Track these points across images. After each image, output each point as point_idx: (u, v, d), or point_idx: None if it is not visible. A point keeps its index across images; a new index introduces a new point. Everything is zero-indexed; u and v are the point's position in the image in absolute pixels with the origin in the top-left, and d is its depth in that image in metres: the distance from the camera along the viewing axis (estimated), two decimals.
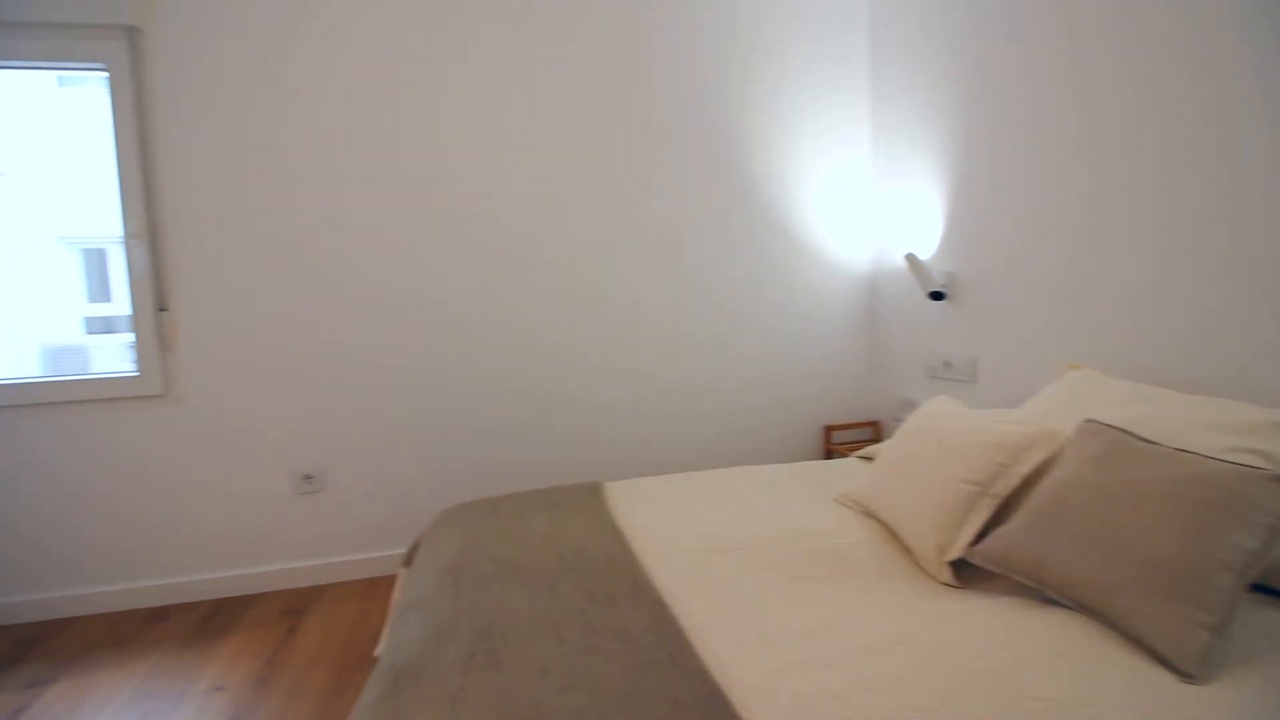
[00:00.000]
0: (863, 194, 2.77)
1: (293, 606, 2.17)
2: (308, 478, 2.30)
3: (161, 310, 2.20)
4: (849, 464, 2.05)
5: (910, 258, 2.39)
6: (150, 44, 2.14)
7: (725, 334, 2.67)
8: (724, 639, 1.08)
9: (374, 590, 2.27)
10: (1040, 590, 1.16)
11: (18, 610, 2.14)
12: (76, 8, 2.08)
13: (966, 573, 1.27)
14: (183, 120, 2.16)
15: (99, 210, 2.88)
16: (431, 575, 1.36)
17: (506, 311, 2.44)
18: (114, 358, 4.32)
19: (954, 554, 1.28)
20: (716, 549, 1.44)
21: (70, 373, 2.72)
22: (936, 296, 2.35)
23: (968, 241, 2.27)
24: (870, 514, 1.57)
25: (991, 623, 1.11)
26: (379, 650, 1.70)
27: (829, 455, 2.78)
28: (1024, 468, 1.33)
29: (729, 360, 2.69)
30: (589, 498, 1.77)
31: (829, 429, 2.80)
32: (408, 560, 1.68)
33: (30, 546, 2.15)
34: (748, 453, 2.69)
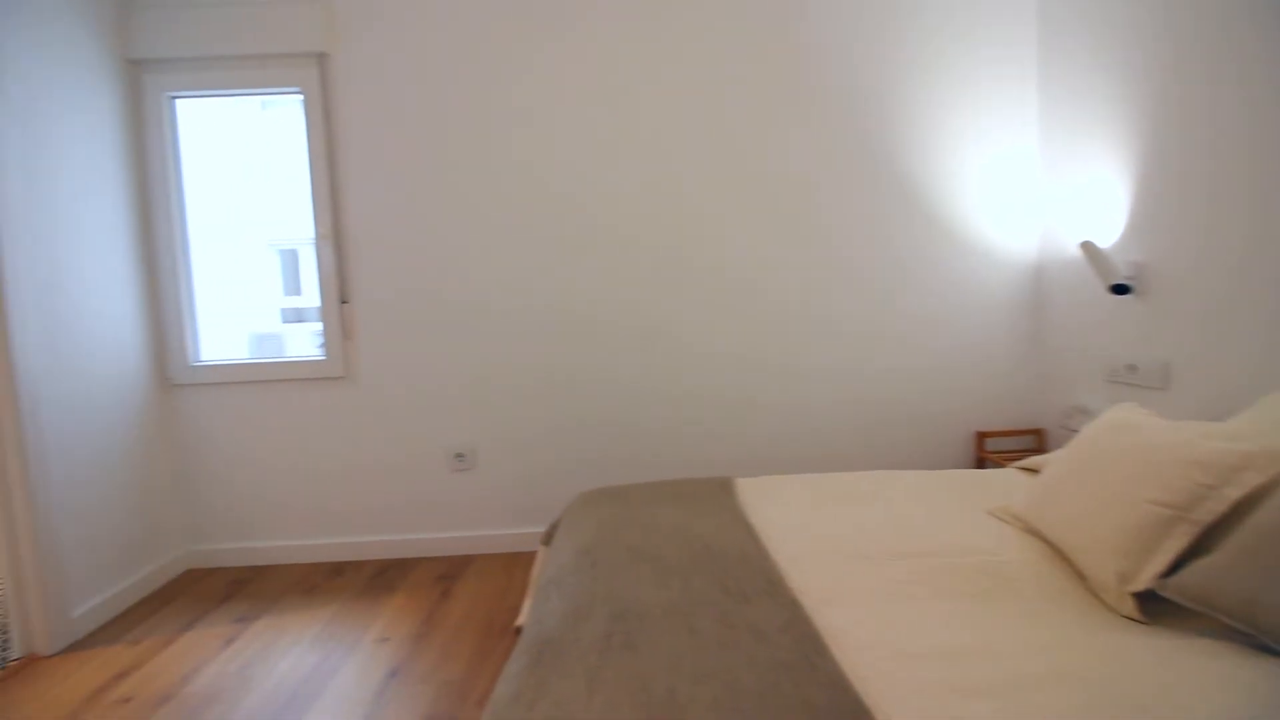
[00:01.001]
0: (1028, 179, 2.50)
1: (446, 572, 2.39)
2: (460, 456, 2.52)
3: (343, 303, 2.51)
4: (1007, 475, 1.87)
5: (1087, 246, 2.11)
6: (336, 68, 2.44)
7: (868, 327, 2.54)
8: (865, 649, 1.03)
9: (515, 564, 2.43)
10: (1254, 636, 0.99)
11: (230, 555, 2.56)
12: (278, 40, 2.42)
13: (1154, 607, 1.11)
14: (361, 135, 2.44)
15: (294, 216, 3.32)
16: (569, 555, 1.43)
17: (645, 312, 2.51)
18: (303, 343, 4.93)
19: (1140, 585, 1.12)
20: (856, 555, 1.38)
21: (269, 356, 3.18)
22: (1120, 290, 2.06)
23: (1161, 227, 1.96)
24: (1033, 531, 1.43)
25: (1187, 669, 0.96)
26: (520, 621, 1.83)
27: (981, 464, 2.55)
28: (1234, 491, 1.13)
29: (870, 356, 2.55)
30: (719, 492, 1.77)
31: (982, 435, 2.56)
32: (547, 539, 1.79)
33: (240, 502, 2.55)
34: (887, 456, 2.55)
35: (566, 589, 1.27)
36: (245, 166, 3.04)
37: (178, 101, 2.51)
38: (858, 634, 1.08)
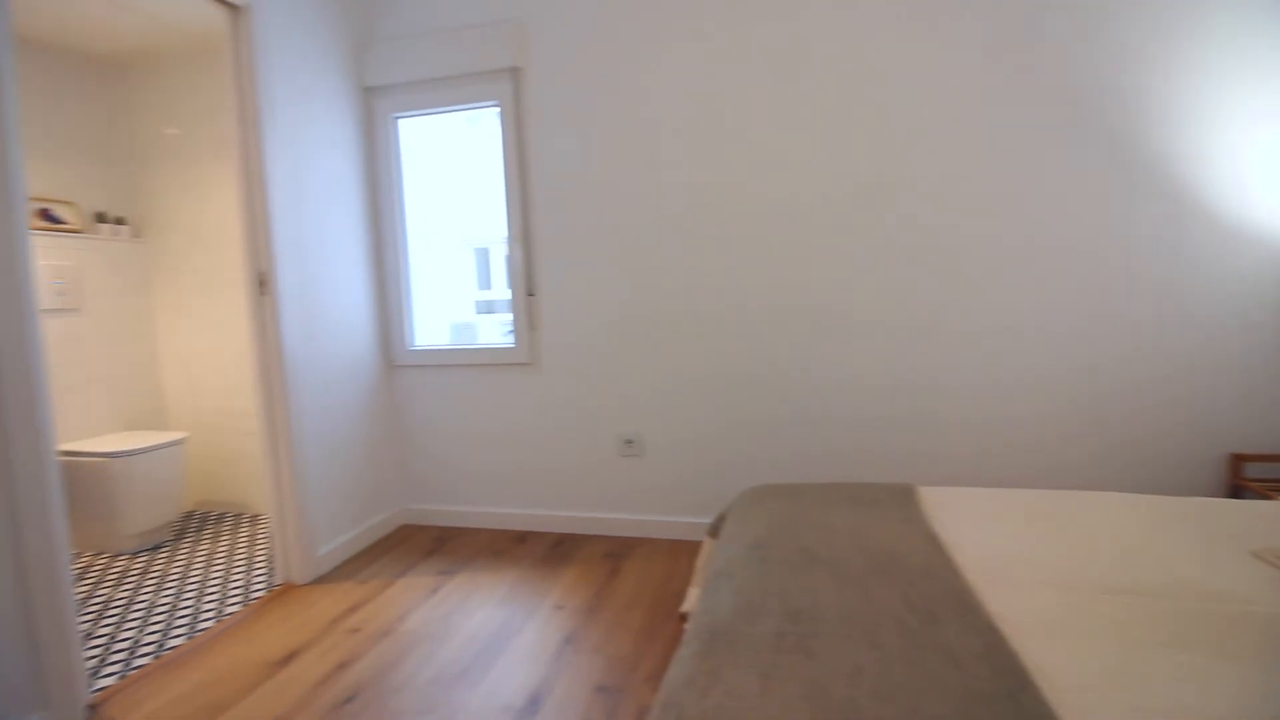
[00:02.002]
0: None
1: (614, 551, 2.52)
2: (629, 442, 2.64)
3: (530, 296, 2.74)
4: (1276, 509, 1.53)
5: None
6: (527, 80, 2.64)
7: (1087, 325, 2.21)
8: (1083, 694, 0.91)
9: (678, 551, 2.49)
10: None
11: (435, 516, 2.93)
12: (479, 59, 2.67)
13: None
14: (547, 141, 2.63)
15: (487, 218, 3.68)
16: (740, 549, 1.43)
17: (822, 307, 2.42)
18: (492, 332, 5.44)
19: None
20: (1069, 585, 1.21)
21: (465, 343, 3.56)
22: None
23: None
24: None
25: None
26: (685, 608, 1.87)
27: (1237, 492, 2.10)
28: None
29: (1087, 358, 2.22)
30: (901, 500, 1.66)
31: (1238, 458, 2.11)
32: (714, 531, 1.80)
33: (442, 469, 2.91)
34: (1108, 477, 2.21)
35: (737, 583, 1.27)
36: (448, 175, 3.41)
37: (400, 121, 2.91)
38: (1073, 676, 0.95)
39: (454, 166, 3.49)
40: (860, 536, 1.44)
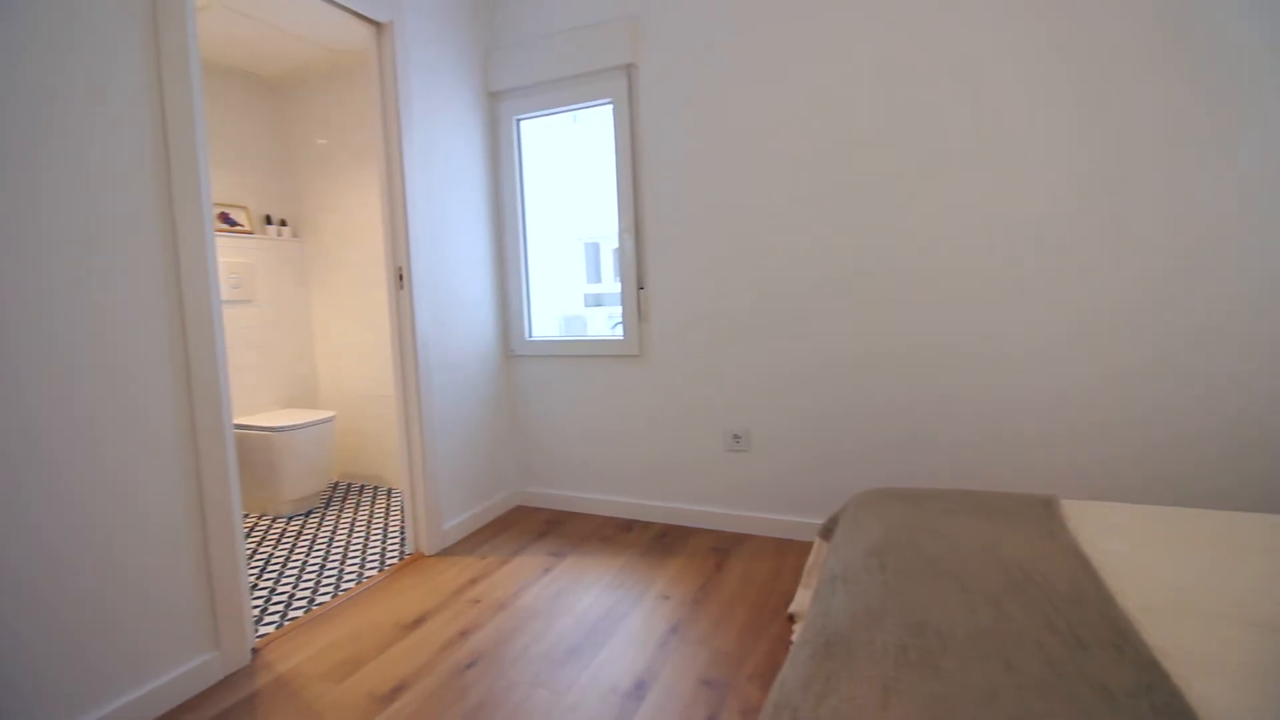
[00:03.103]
0: None
1: (720, 546, 2.51)
2: (736, 437, 2.61)
3: (640, 289, 2.77)
4: None
5: None
6: (641, 76, 2.67)
7: (1252, 316, 1.90)
8: None
9: (784, 550, 2.44)
10: None
11: (547, 499, 3.06)
12: (595, 59, 2.73)
13: None
14: (660, 136, 2.64)
15: (595, 214, 3.76)
16: (856, 554, 1.37)
17: (941, 304, 2.26)
18: (600, 325, 5.57)
19: None
20: (1242, 619, 1.06)
21: (575, 335, 3.68)
22: None
23: None
24: None
25: None
26: (793, 609, 1.83)
27: None
28: None
29: (1258, 357, 1.91)
30: (1039, 513, 1.51)
31: None
32: (826, 533, 1.74)
33: (554, 454, 3.02)
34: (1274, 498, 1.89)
35: (855, 588, 1.22)
36: (558, 172, 3.53)
37: (522, 123, 3.04)
38: None
39: (563, 164, 3.60)
40: (993, 549, 1.33)
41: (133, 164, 1.60)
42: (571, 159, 3.68)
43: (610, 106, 2.77)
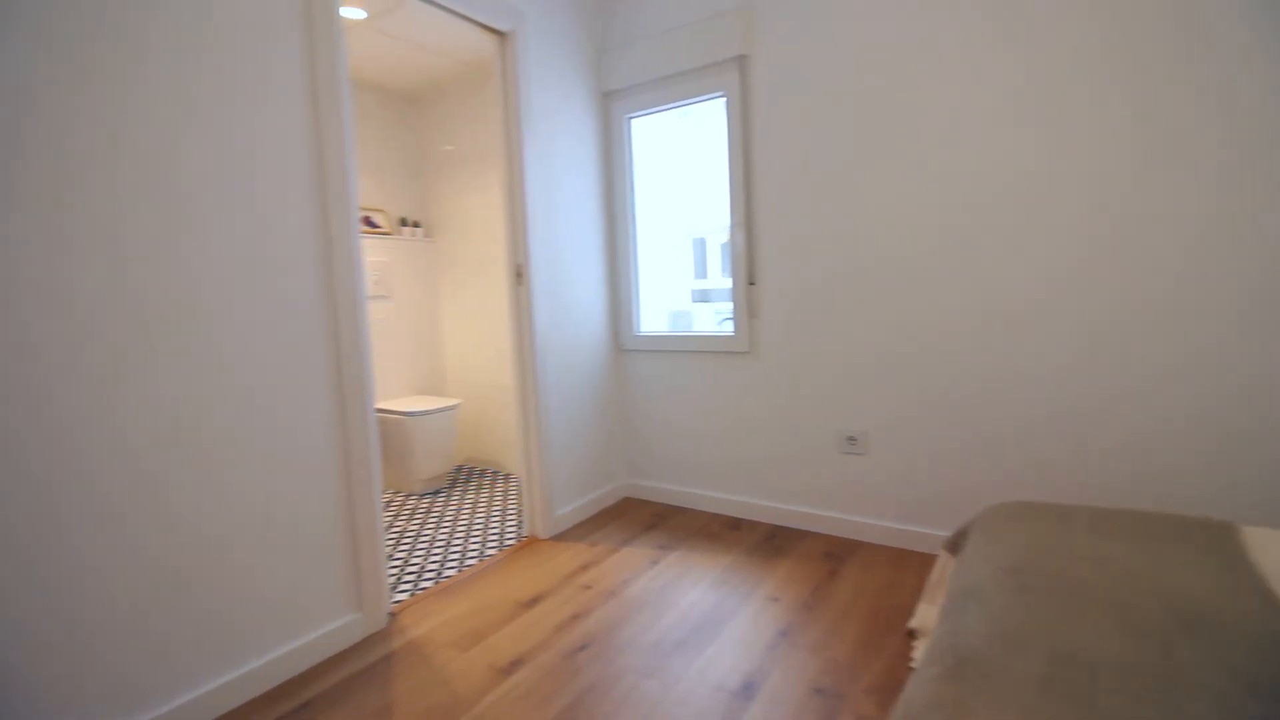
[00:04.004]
0: None
1: (832, 551, 2.42)
2: (851, 439, 2.50)
3: (751, 284, 2.72)
4: None
5: None
6: (754, 68, 2.61)
7: None
8: None
9: (902, 561, 2.31)
10: None
11: (654, 492, 3.10)
12: (707, 52, 2.70)
13: None
14: (773, 129, 2.57)
15: (703, 210, 3.73)
16: (990, 571, 1.27)
17: (1083, 302, 2.03)
18: (707, 320, 5.55)
19: None
20: None
21: (682, 330, 3.69)
22: None
23: None
24: None
25: None
26: (914, 624, 1.73)
27: None
28: None
29: None
30: (1215, 540, 1.33)
31: None
32: (954, 546, 1.63)
33: (662, 449, 3.05)
34: None
35: (990, 608, 1.13)
36: (667, 169, 3.54)
37: (633, 121, 3.08)
38: None
39: (671, 161, 3.61)
40: (1156, 578, 1.19)
41: (295, 174, 1.80)
42: (680, 155, 3.69)
43: (723, 100, 2.74)
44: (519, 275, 2.64)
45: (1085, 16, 1.96)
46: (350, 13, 2.85)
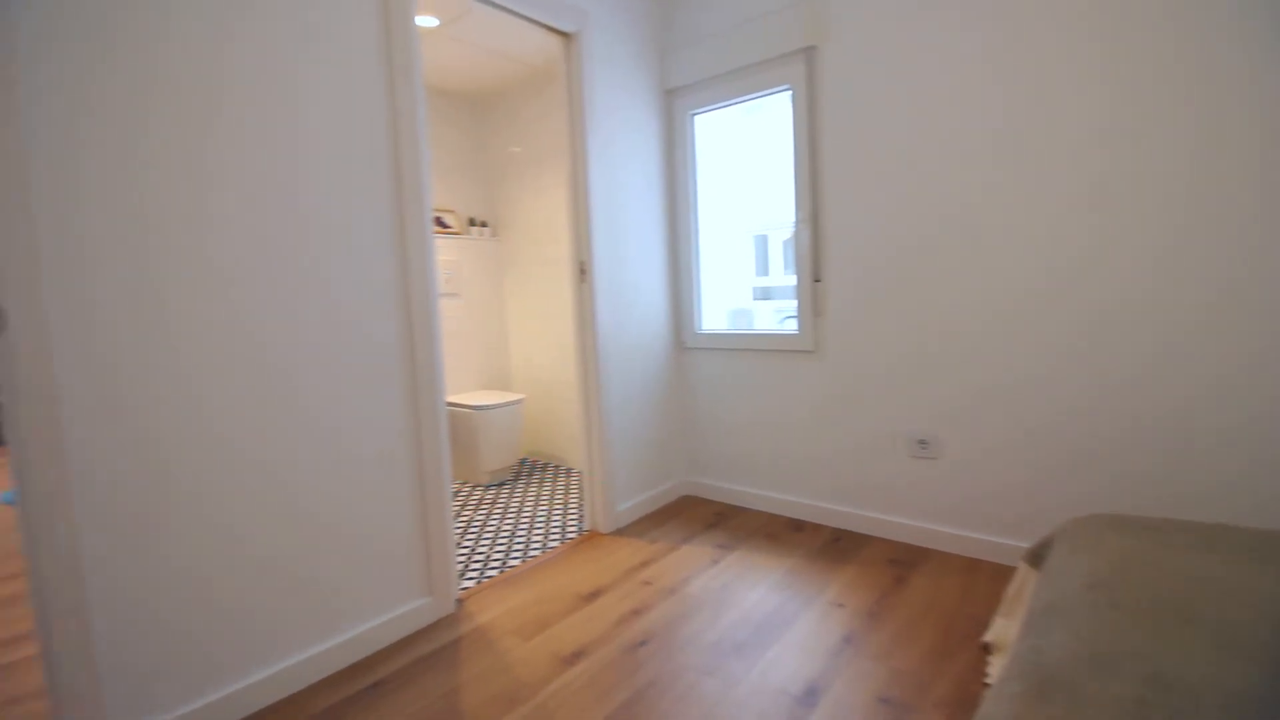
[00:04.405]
0: None
1: (900, 558, 2.34)
2: (922, 443, 2.41)
3: (816, 281, 2.66)
4: None
5: None
6: (822, 60, 2.54)
7: None
8: None
9: (975, 571, 2.21)
10: None
11: (714, 491, 3.08)
12: (775, 44, 2.65)
13: None
14: (841, 120, 2.50)
15: (766, 206, 3.68)
16: (1075, 586, 1.20)
17: (1176, 294, 1.87)
18: (768, 318, 5.47)
19: None
20: None
21: (743, 328, 3.64)
22: None
23: None
24: None
25: None
26: (989, 637, 1.66)
27: None
28: None
29: None
30: None
31: None
32: (1034, 559, 1.55)
33: (723, 447, 3.03)
34: None
35: (1077, 625, 1.07)
36: (729, 165, 3.50)
37: (696, 117, 3.06)
38: None
39: (734, 157, 3.57)
40: (1262, 599, 1.09)
41: (376, 178, 1.89)
42: (742, 151, 3.65)
43: (789, 93, 2.69)
44: (582, 273, 2.68)
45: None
46: (423, 21, 2.96)
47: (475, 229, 3.97)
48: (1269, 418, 1.79)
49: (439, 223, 3.79)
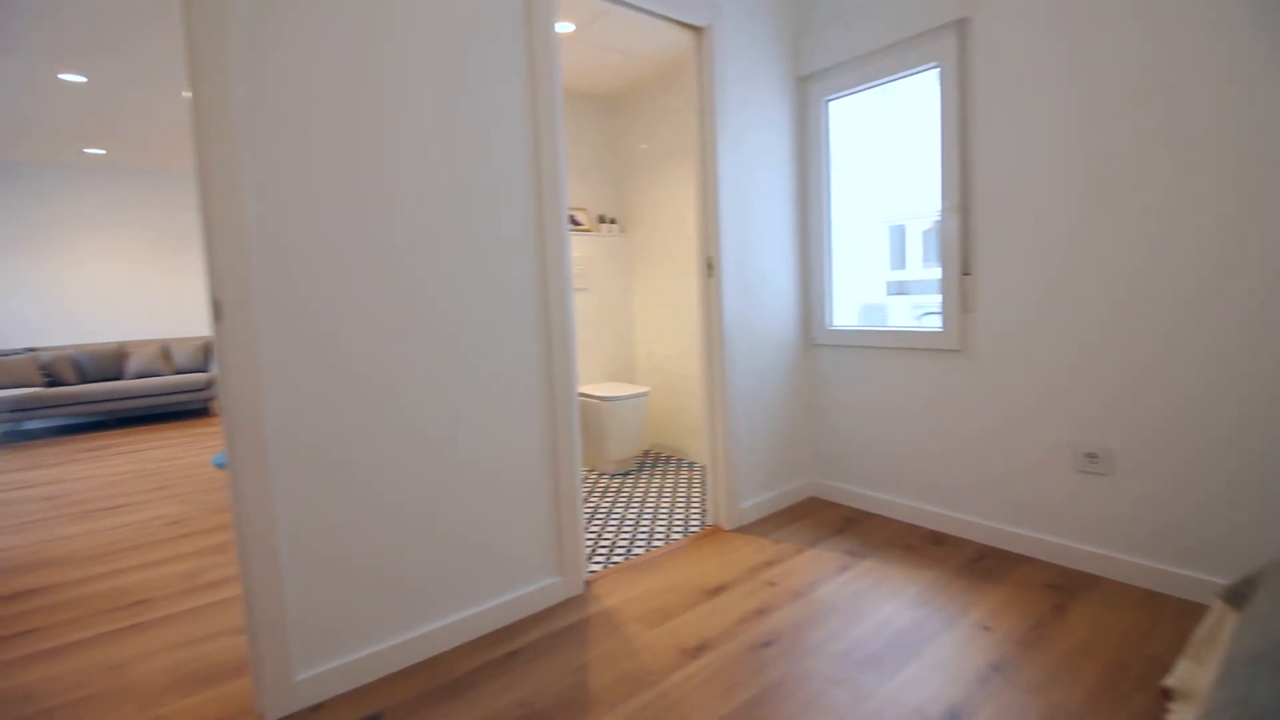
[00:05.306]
0: None
1: (1059, 583, 2.11)
2: (1091, 456, 2.14)
3: (965, 275, 2.45)
4: None
5: None
6: (976, 32, 2.32)
7: None
8: None
9: (1155, 605, 1.93)
10: None
11: (842, 494, 2.95)
12: (920, 19, 2.46)
13: None
14: (999, 96, 2.27)
15: (902, 195, 3.44)
16: None
17: None
18: (902, 315, 5.15)
19: None
20: None
21: (875, 325, 3.44)
22: None
23: None
24: None
25: None
26: (1172, 682, 1.45)
27: None
28: None
29: None
30: None
31: None
32: (1234, 599, 1.33)
33: (853, 450, 2.89)
34: None
35: None
36: (865, 153, 3.31)
37: (831, 104, 2.93)
38: None
39: (869, 144, 3.38)
40: None
41: (518, 179, 2.01)
42: (878, 138, 3.45)
43: (935, 71, 2.50)
44: (710, 267, 2.67)
45: None
46: (560, 27, 3.09)
47: (604, 225, 4.09)
48: None
49: (572, 221, 3.95)
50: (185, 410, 6.62)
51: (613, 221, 4.15)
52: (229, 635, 2.03)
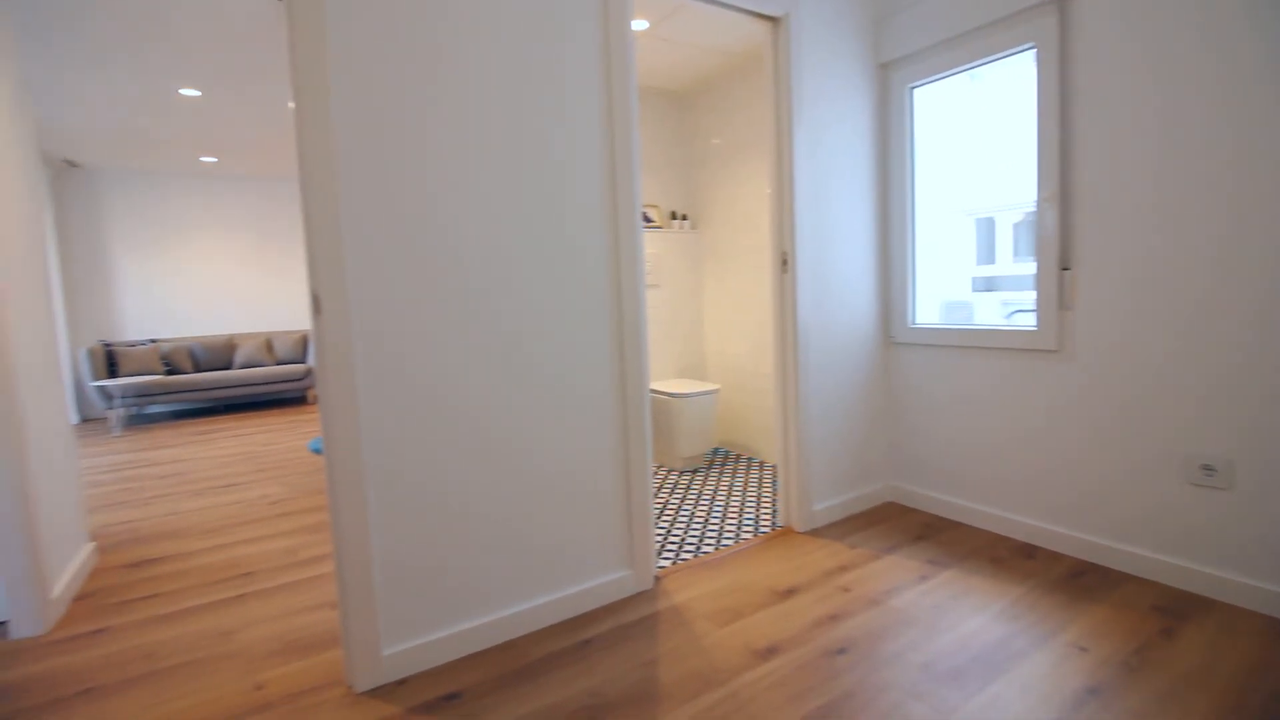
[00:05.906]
0: None
1: (1168, 605, 1.94)
2: (1208, 469, 1.95)
3: (1064, 269, 2.29)
4: None
5: None
6: (1077, 10, 2.15)
7: None
8: None
9: (1278, 635, 1.75)
10: None
11: (922, 500, 2.83)
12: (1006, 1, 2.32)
13: None
14: (1105, 77, 2.10)
15: (991, 185, 3.24)
16: None
17: None
18: (989, 312, 4.86)
19: None
20: None
21: (960, 323, 3.26)
22: None
23: None
24: None
25: None
26: None
27: None
28: None
29: None
30: None
31: None
32: None
33: (935, 454, 2.76)
34: None
35: None
36: (951, 141, 3.15)
37: (915, 91, 2.80)
38: None
39: (955, 133, 3.21)
40: None
41: (594, 178, 2.03)
42: (965, 126, 3.27)
43: (1031, 52, 2.34)
44: (784, 263, 2.62)
45: None
46: (635, 25, 3.11)
47: (676, 222, 4.09)
48: None
49: (644, 218, 3.97)
50: (285, 398, 7.14)
51: (684, 218, 4.14)
52: (324, 609, 2.17)
